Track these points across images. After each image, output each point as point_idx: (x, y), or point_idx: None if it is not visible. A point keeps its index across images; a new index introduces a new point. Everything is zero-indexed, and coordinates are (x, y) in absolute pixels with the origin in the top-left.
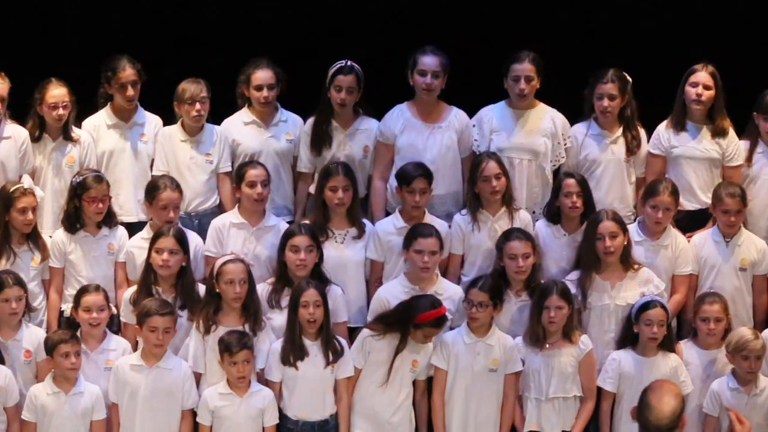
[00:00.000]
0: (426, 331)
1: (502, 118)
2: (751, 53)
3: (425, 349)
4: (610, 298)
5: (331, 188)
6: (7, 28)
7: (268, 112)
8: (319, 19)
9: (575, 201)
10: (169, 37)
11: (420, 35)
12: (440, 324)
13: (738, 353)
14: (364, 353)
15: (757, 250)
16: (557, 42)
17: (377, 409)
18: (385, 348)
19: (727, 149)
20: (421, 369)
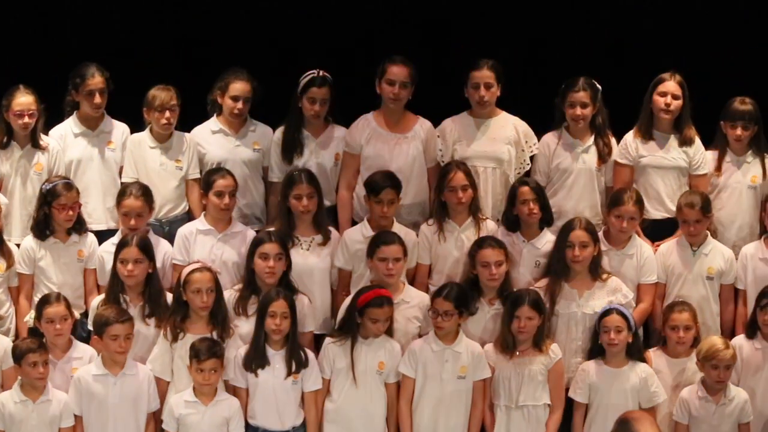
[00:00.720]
0: (371, 313)
1: (464, 128)
2: (715, 62)
3: (390, 349)
4: (578, 306)
5: (296, 196)
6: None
7: (238, 121)
8: (288, 26)
9: (532, 208)
10: (136, 45)
11: (388, 45)
12: (380, 303)
13: (707, 362)
14: (329, 362)
15: (724, 259)
16: (525, 51)
17: (350, 416)
18: (348, 352)
19: (694, 158)
20: (390, 371)
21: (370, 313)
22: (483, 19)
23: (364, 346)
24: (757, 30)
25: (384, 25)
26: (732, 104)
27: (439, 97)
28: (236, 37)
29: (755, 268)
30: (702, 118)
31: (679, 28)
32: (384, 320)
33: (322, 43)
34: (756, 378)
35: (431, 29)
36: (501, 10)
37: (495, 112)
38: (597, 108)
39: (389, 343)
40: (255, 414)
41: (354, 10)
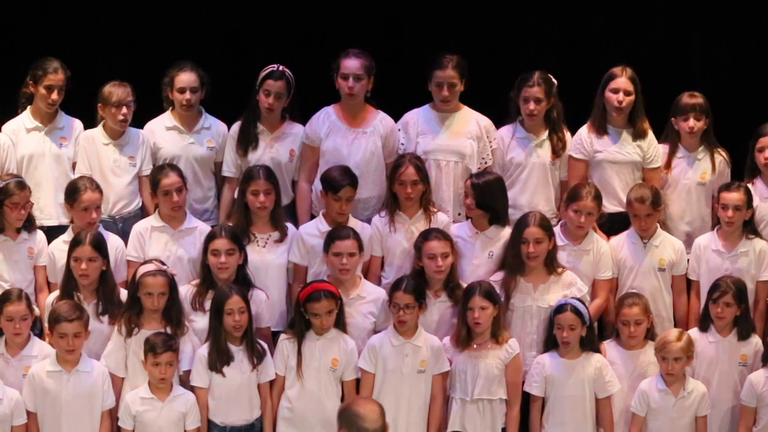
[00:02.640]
0: (310, 308)
1: (427, 121)
2: (668, 56)
3: (343, 346)
4: (533, 300)
5: (253, 192)
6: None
7: (191, 117)
8: (249, 22)
9: (469, 203)
10: (90, 40)
11: (350, 39)
12: (318, 298)
13: (659, 354)
14: (283, 359)
15: (675, 250)
16: (481, 45)
17: (305, 414)
18: (303, 350)
19: (648, 151)
20: (345, 367)
21: (310, 308)
22: (441, 12)
23: (317, 343)
24: (709, 25)
25: (346, 19)
26: (681, 99)
27: (401, 89)
28: (196, 31)
29: (708, 260)
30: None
31: (632, 22)
32: (325, 314)
33: (288, 37)
34: (711, 371)
35: (392, 22)
36: (459, 4)
37: (458, 106)
38: (552, 102)
39: (342, 340)
40: (219, 411)
41: (319, 5)
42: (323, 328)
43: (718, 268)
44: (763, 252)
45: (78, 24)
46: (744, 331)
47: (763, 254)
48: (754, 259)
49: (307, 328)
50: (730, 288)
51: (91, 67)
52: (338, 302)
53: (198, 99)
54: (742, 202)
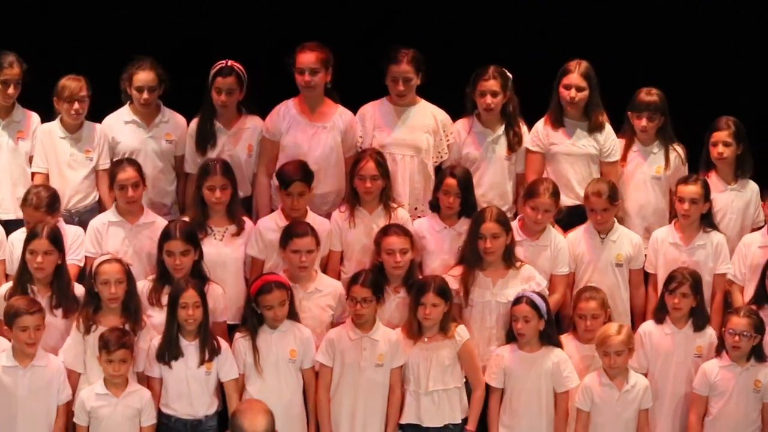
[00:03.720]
0: (263, 301)
1: (383, 115)
2: (628, 50)
3: (299, 335)
4: (492, 294)
5: (209, 187)
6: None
7: (150, 112)
8: (209, 15)
9: (452, 202)
10: (50, 32)
11: (308, 32)
12: (269, 289)
13: (600, 348)
14: (240, 357)
15: (632, 245)
16: (437, 40)
17: (274, 407)
18: (260, 346)
19: (605, 145)
20: (303, 357)
21: (262, 300)
22: (399, 5)
23: (272, 337)
24: (669, 18)
25: (304, 12)
26: (638, 95)
27: (360, 82)
28: (159, 25)
29: (666, 253)
30: (614, 106)
31: (589, 15)
32: (278, 305)
33: (245, 32)
34: (667, 363)
35: (351, 15)
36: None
37: (415, 100)
38: (508, 97)
39: (298, 330)
40: (168, 403)
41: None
42: (277, 320)
43: (675, 261)
44: (721, 245)
45: (39, 16)
46: (699, 323)
47: (720, 247)
48: (711, 252)
49: (260, 323)
50: (687, 279)
51: (52, 61)
52: (289, 293)
53: (156, 97)
54: (698, 195)
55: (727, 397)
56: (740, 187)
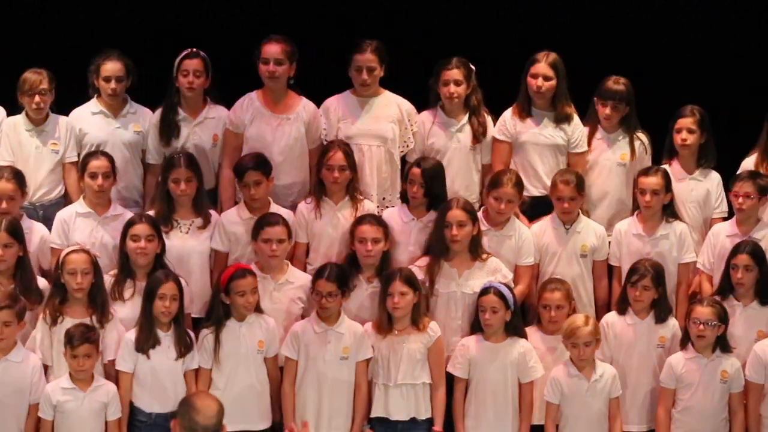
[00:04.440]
0: (236, 287)
1: (348, 107)
2: (594, 39)
3: (265, 326)
4: (458, 285)
5: (174, 179)
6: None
7: (117, 103)
8: (172, 10)
9: (416, 191)
10: (16, 25)
11: (273, 25)
12: (243, 275)
13: (568, 340)
14: (208, 351)
15: (597, 236)
16: (402, 31)
17: (242, 399)
18: (229, 337)
19: (572, 136)
20: (269, 347)
21: (235, 286)
22: None
23: (240, 330)
24: (638, 6)
25: (270, 5)
26: (606, 83)
27: (324, 75)
28: (126, 18)
29: (629, 244)
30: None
31: (556, 6)
32: (250, 291)
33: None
34: (629, 354)
35: (315, 8)
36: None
37: (378, 91)
38: (471, 87)
39: (263, 321)
40: (144, 398)
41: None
42: (248, 308)
43: (639, 252)
44: (684, 234)
45: (6, 8)
46: (661, 314)
47: (683, 236)
48: (675, 242)
49: (226, 316)
50: (648, 271)
51: (19, 54)
52: None
53: (124, 88)
54: (659, 187)
55: (694, 389)
56: (701, 176)
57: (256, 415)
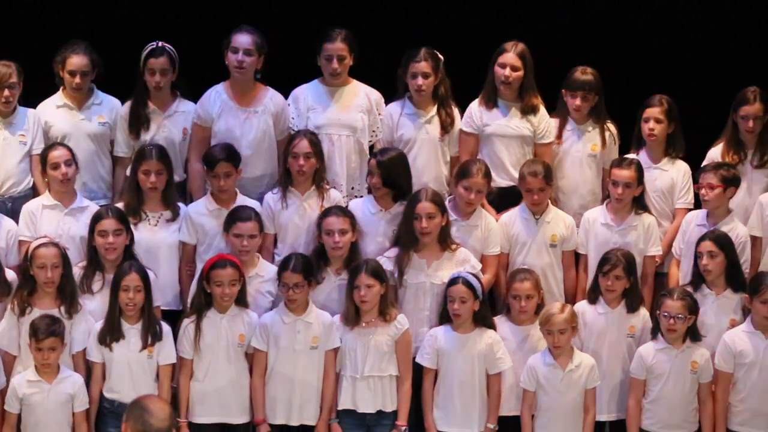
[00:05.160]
0: (215, 276)
1: (317, 96)
2: (562, 30)
3: (248, 320)
4: (426, 276)
5: (144, 171)
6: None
7: (82, 96)
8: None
9: (375, 182)
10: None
11: (242, 17)
12: (223, 265)
13: (543, 327)
14: (189, 341)
15: (566, 226)
16: (370, 20)
17: (222, 392)
18: (211, 328)
19: (539, 127)
20: (249, 341)
21: (214, 275)
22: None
23: (222, 322)
24: None
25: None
26: (573, 74)
27: (293, 65)
28: (94, 9)
29: (597, 234)
30: (549, 86)
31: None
32: (228, 283)
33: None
34: (600, 343)
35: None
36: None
37: (347, 80)
38: (439, 78)
39: (246, 315)
40: (111, 387)
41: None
42: (224, 299)
43: (606, 242)
44: (652, 227)
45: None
46: (633, 304)
47: (651, 229)
48: (642, 234)
49: (208, 306)
50: (620, 261)
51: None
52: (241, 278)
53: (89, 81)
54: (632, 180)
55: (665, 380)
56: (667, 166)
57: (235, 408)
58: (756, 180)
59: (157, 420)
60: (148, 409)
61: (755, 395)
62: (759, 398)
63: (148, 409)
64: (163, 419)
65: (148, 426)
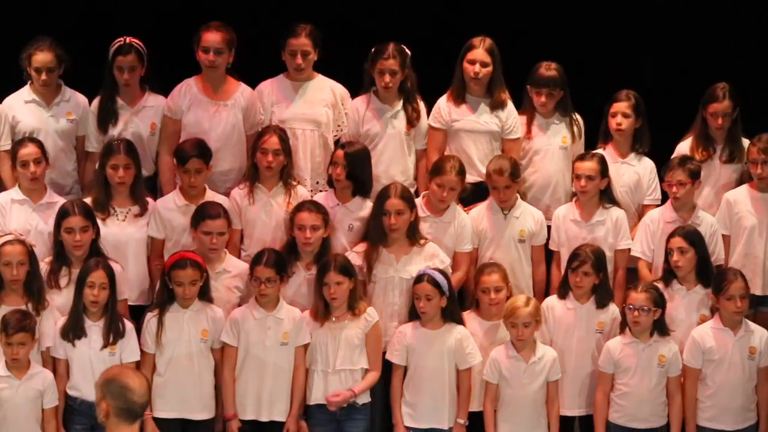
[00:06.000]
0: (175, 276)
1: (281, 91)
2: (529, 24)
3: (212, 316)
4: (395, 271)
5: (112, 166)
6: None
7: (50, 91)
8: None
9: (339, 173)
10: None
11: (209, 12)
12: (183, 265)
13: (508, 320)
14: (151, 335)
15: (535, 221)
16: (336, 14)
17: (183, 387)
18: (173, 324)
19: (506, 122)
20: (213, 337)
21: (174, 275)
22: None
23: (184, 316)
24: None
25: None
26: (537, 70)
27: (259, 60)
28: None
29: (567, 230)
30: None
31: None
32: (188, 283)
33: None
34: (569, 337)
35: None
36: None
37: (312, 75)
38: (406, 73)
39: (210, 310)
40: (75, 385)
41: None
42: (185, 298)
43: (576, 238)
44: (621, 220)
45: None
46: (602, 300)
47: (620, 223)
48: (611, 228)
49: (171, 300)
50: (589, 257)
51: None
52: (203, 275)
53: (55, 77)
54: (594, 172)
55: (632, 374)
56: (634, 161)
57: (195, 404)
58: (724, 176)
59: (139, 396)
60: (127, 386)
61: (723, 392)
62: (727, 395)
63: (127, 386)
64: (143, 393)
65: (131, 403)
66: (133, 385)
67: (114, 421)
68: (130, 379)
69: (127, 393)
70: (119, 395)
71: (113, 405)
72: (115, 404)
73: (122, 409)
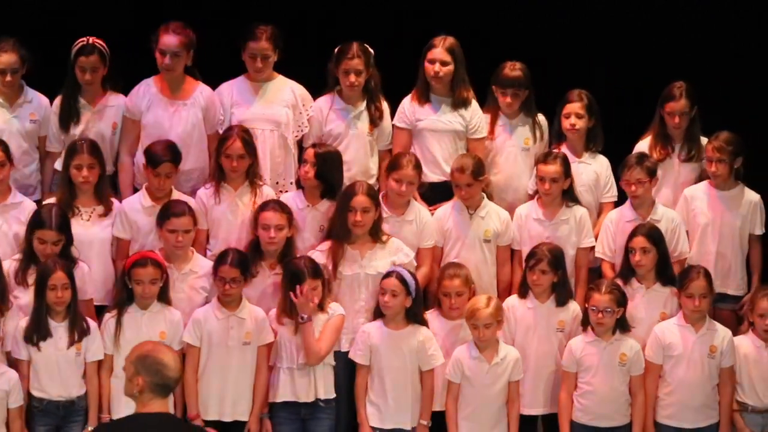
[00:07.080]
0: (134, 274)
1: (241, 92)
2: (492, 24)
3: (170, 318)
4: (361, 267)
5: (76, 166)
6: None
7: (13, 92)
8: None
9: (307, 171)
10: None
11: (172, 11)
12: (144, 264)
13: (469, 320)
14: (110, 336)
15: (500, 221)
16: (300, 15)
17: None
18: (131, 324)
19: (471, 121)
20: (172, 339)
21: (134, 273)
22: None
23: (142, 318)
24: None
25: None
26: (502, 70)
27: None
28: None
29: (529, 229)
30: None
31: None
32: (148, 282)
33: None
34: (529, 337)
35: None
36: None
37: (272, 75)
38: (370, 73)
39: (168, 311)
40: (40, 386)
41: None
42: (144, 297)
43: (539, 237)
44: (584, 219)
45: None
46: (562, 298)
47: (583, 221)
48: (574, 227)
49: (129, 301)
50: (546, 255)
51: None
52: (164, 275)
53: (18, 78)
54: (558, 174)
55: (594, 372)
56: (589, 160)
57: None
58: (683, 174)
59: (174, 371)
60: (162, 362)
61: (682, 389)
62: (686, 392)
63: (162, 362)
64: (177, 369)
65: (167, 379)
66: (167, 361)
67: (148, 396)
68: (164, 354)
69: (163, 369)
70: (155, 371)
71: (149, 381)
72: (150, 380)
73: (158, 385)
